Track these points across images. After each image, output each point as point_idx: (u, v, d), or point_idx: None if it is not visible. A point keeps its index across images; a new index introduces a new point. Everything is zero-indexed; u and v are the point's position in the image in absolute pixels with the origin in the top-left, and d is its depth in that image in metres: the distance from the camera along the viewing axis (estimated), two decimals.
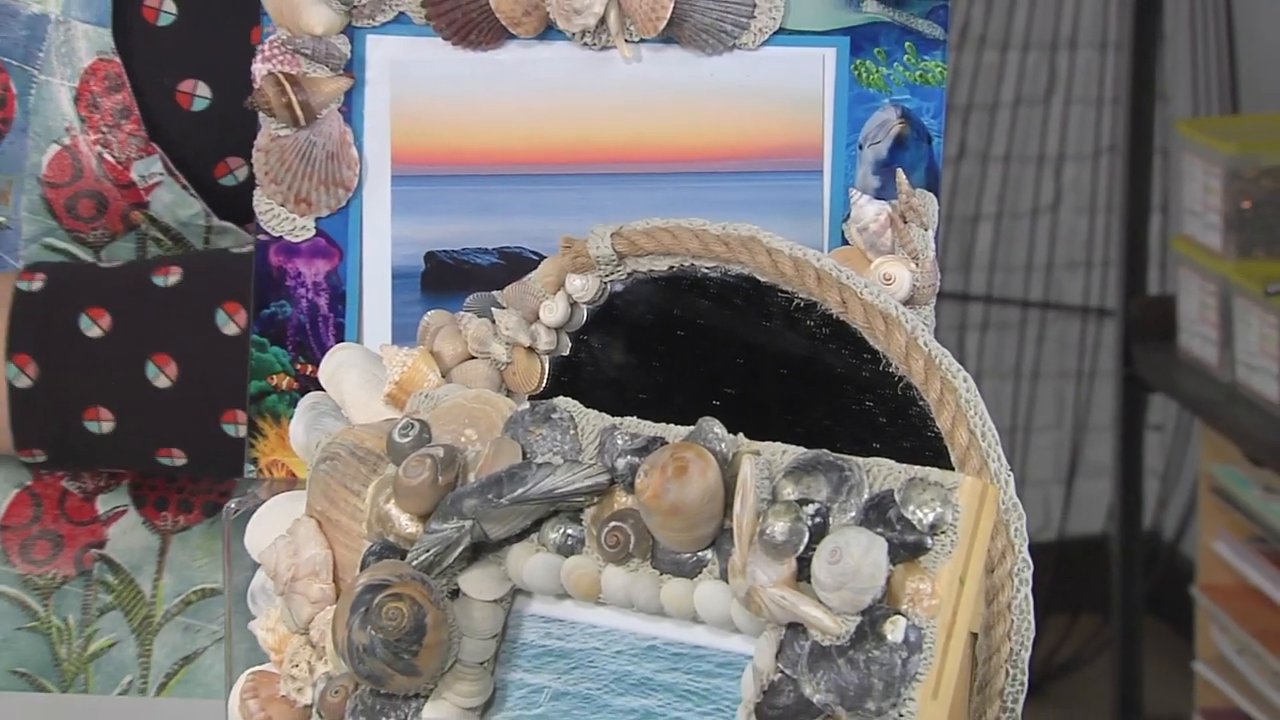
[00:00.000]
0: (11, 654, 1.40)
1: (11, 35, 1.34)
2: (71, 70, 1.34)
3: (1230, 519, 3.27)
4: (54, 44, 1.34)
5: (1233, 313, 3.17)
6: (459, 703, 1.02)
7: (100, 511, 1.40)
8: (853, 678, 0.93)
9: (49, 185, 1.35)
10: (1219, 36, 3.80)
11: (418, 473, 1.02)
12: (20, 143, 1.35)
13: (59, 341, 1.32)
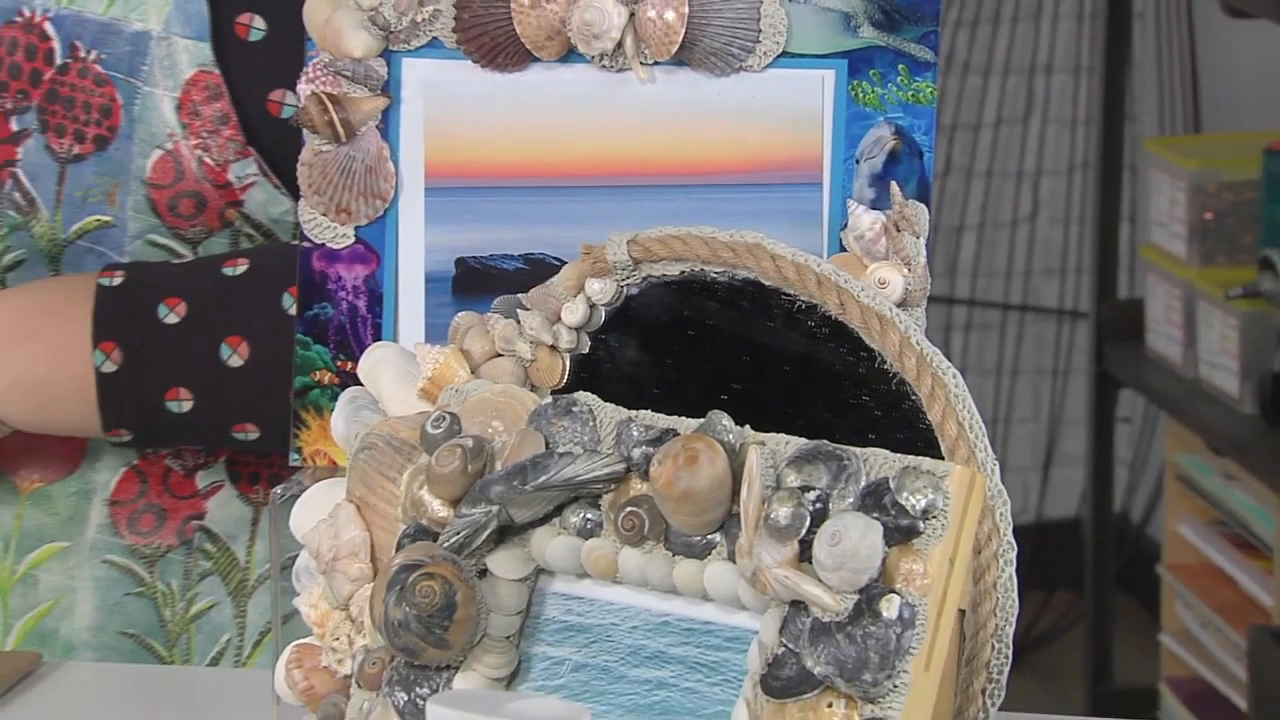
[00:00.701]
0: (122, 617, 1.40)
1: (116, 51, 1.35)
2: (174, 82, 1.35)
3: (1193, 504, 3.27)
4: (157, 58, 1.34)
5: (1196, 315, 3.17)
6: (487, 674, 1.01)
7: (199, 486, 1.41)
8: (851, 651, 0.92)
9: (153, 186, 1.36)
10: (1183, 62, 3.80)
11: (449, 461, 1.01)
12: (126, 148, 1.36)
13: (140, 329, 1.32)
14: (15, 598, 1.39)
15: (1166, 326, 3.23)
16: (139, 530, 1.40)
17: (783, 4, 1.15)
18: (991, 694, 1.01)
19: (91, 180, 1.37)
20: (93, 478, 1.40)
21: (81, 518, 1.40)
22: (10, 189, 1.37)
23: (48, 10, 1.35)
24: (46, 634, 1.40)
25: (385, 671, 1.02)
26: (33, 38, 1.36)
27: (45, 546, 1.40)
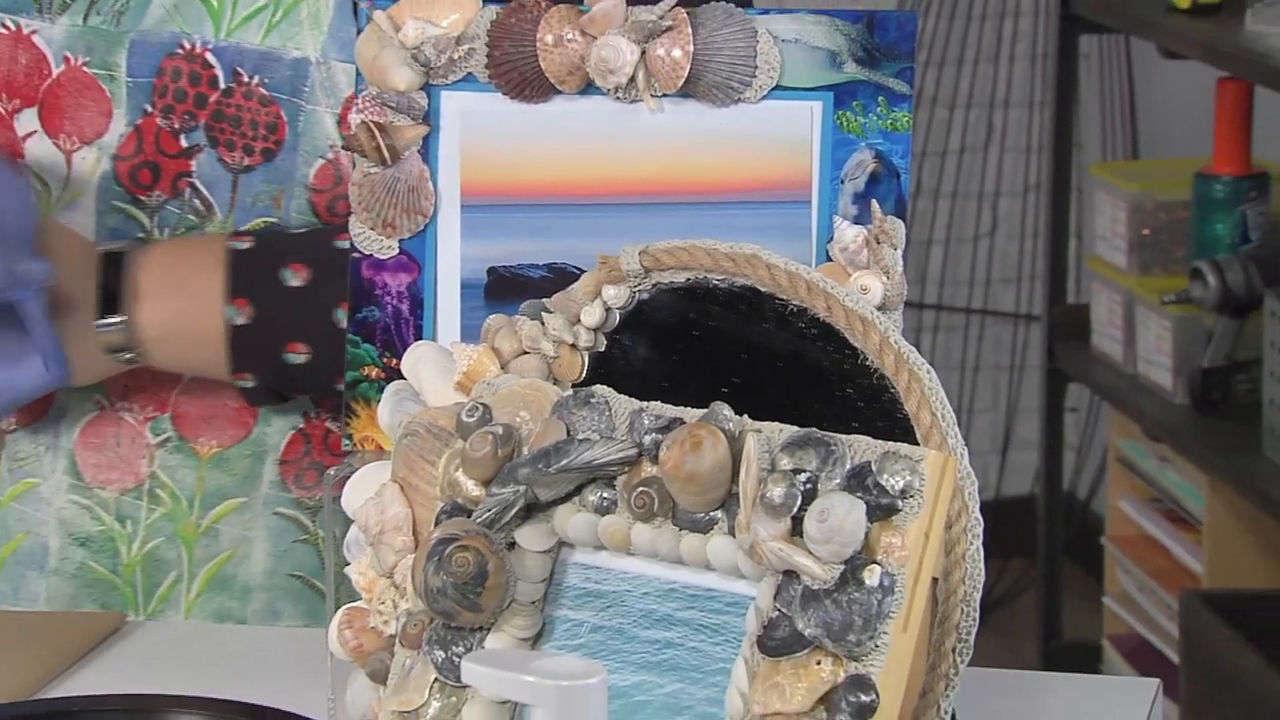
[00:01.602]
0: (290, 561, 1.40)
1: (278, 76, 1.35)
2: (334, 99, 1.35)
3: (1132, 483, 3.28)
4: (317, 80, 1.35)
5: (1135, 318, 3.17)
6: (515, 634, 1.00)
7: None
8: (837, 615, 0.91)
9: (314, 191, 1.36)
10: (1123, 97, 3.81)
11: (481, 447, 1.01)
12: (291, 159, 1.36)
13: (268, 289, 1.32)
14: (200, 548, 1.39)
15: (1109, 328, 3.24)
16: (304, 485, 1.40)
17: (776, 43, 1.14)
18: (960, 652, 1.00)
19: (261, 187, 1.37)
20: (264, 441, 1.40)
21: (255, 476, 1.39)
22: (190, 197, 1.37)
23: (207, 43, 1.36)
24: (226, 579, 1.40)
25: (425, 632, 1.01)
26: (195, 66, 1.36)
27: (225, 503, 1.39)
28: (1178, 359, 3.05)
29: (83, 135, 1.38)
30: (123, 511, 1.39)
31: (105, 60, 1.37)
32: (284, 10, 1.35)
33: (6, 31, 1.38)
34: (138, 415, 1.39)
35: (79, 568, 1.40)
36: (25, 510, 1.41)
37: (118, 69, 1.37)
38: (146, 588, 1.40)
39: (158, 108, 1.36)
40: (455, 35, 1.16)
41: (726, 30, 1.14)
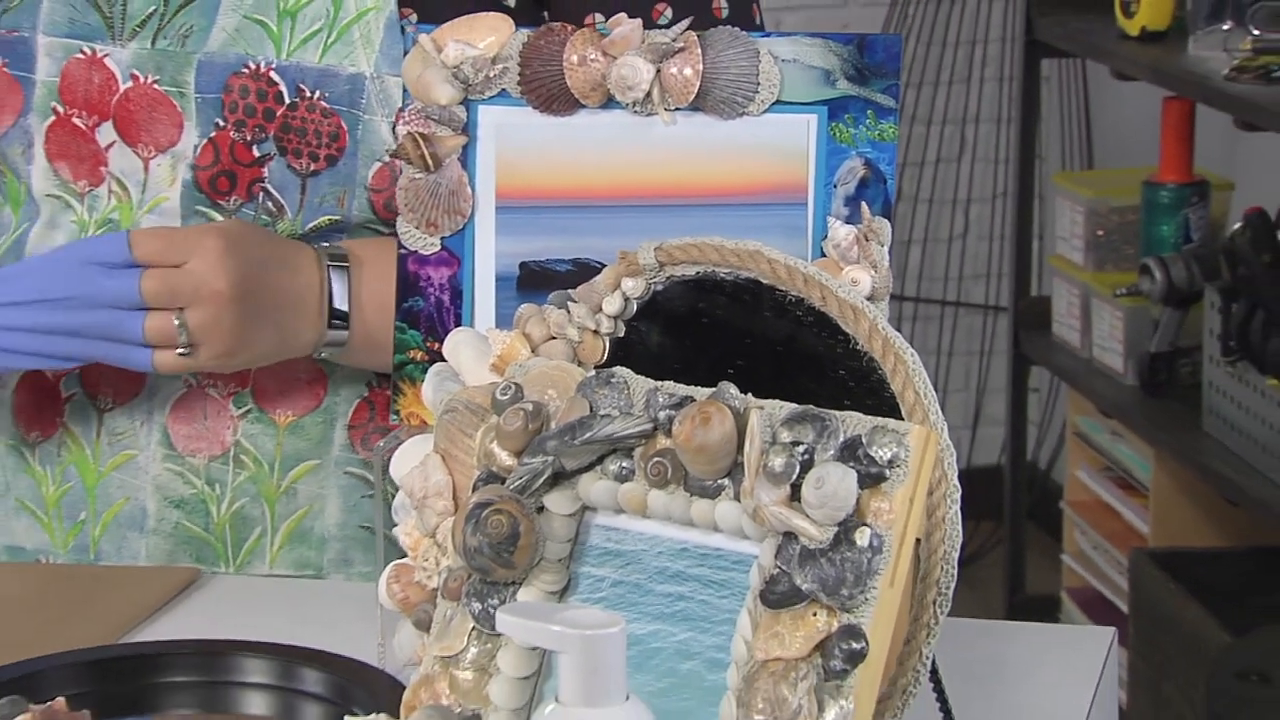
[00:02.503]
0: (360, 515, 1.40)
1: (337, 90, 1.34)
2: (388, 109, 1.34)
3: (1088, 455, 3.28)
4: (373, 93, 1.34)
5: (1091, 309, 3.17)
6: (544, 588, 0.99)
7: None
8: (831, 572, 0.91)
9: (373, 190, 1.36)
10: (1079, 114, 3.81)
11: (514, 421, 1.00)
12: (352, 164, 1.35)
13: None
14: (280, 505, 1.39)
15: (1068, 318, 3.24)
16: (369, 447, 1.39)
17: (776, 63, 1.14)
18: (940, 604, 0.99)
19: (326, 189, 1.36)
20: (334, 409, 1.39)
21: (327, 441, 1.39)
22: (263, 200, 1.36)
23: (270, 62, 1.35)
24: (304, 532, 1.40)
25: (464, 586, 1.00)
26: (261, 84, 1.35)
27: (301, 465, 1.39)
28: (1128, 345, 3.06)
29: (158, 144, 1.37)
30: (211, 476, 1.39)
31: (175, 79, 1.36)
32: (338, 32, 1.35)
33: (83, 56, 1.37)
34: (222, 391, 1.39)
35: (175, 527, 1.40)
36: (125, 479, 1.40)
37: (186, 86, 1.36)
38: (235, 542, 1.40)
39: (230, 122, 1.35)
40: (491, 55, 1.16)
41: (732, 51, 1.14)
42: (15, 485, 1.43)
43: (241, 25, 1.35)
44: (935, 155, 3.89)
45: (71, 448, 1.41)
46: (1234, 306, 2.72)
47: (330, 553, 1.39)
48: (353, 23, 1.34)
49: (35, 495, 1.42)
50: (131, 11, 1.37)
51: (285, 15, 1.35)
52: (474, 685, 0.97)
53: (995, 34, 3.85)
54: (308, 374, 1.38)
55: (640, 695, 0.83)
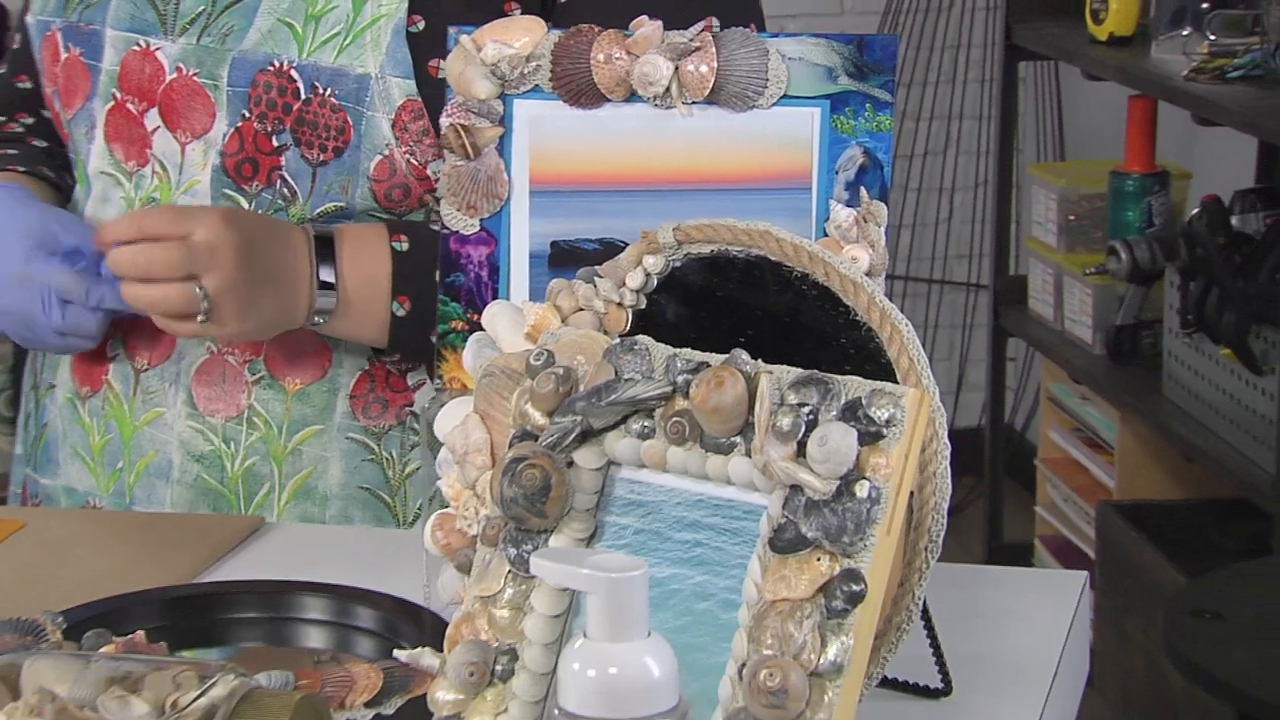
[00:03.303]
0: (359, 476, 1.39)
1: (345, 88, 1.34)
2: (389, 107, 1.33)
3: (1059, 417, 3.28)
4: (376, 92, 1.33)
5: (1063, 286, 3.17)
6: (573, 535, 0.98)
7: (410, 383, 1.39)
8: (833, 521, 0.90)
9: (375, 181, 1.35)
10: (1053, 112, 3.81)
11: (546, 385, 0.99)
12: (356, 155, 1.34)
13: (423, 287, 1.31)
14: (287, 464, 1.39)
15: (1043, 294, 3.24)
16: (370, 415, 1.38)
17: (784, 61, 1.12)
18: (931, 550, 0.99)
19: (333, 178, 1.35)
20: (338, 380, 1.38)
21: (330, 408, 1.38)
22: (280, 186, 1.36)
23: (292, 61, 1.35)
24: (309, 490, 1.39)
25: (501, 533, 0.99)
26: (282, 80, 1.35)
27: (306, 429, 1.38)
28: (1096, 319, 3.06)
29: (194, 131, 1.37)
30: (227, 435, 1.39)
31: (212, 72, 1.36)
32: (353, 35, 1.34)
33: (139, 49, 1.38)
34: (238, 359, 1.38)
35: (195, 479, 1.40)
36: (154, 434, 1.41)
37: (220, 80, 1.36)
38: (246, 496, 1.39)
39: (254, 114, 1.35)
40: (525, 54, 1.15)
41: (744, 50, 1.13)
42: (70, 434, 1.44)
43: (274, 27, 1.35)
44: (923, 148, 3.88)
45: (113, 403, 1.42)
46: (1191, 284, 2.72)
47: (332, 509, 1.39)
48: (366, 27, 1.34)
49: (85, 443, 1.43)
50: (183, 10, 1.38)
51: (311, 19, 1.35)
52: (510, 622, 0.97)
53: (978, 39, 3.84)
54: (314, 347, 1.37)
55: (661, 632, 0.82)
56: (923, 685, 1.08)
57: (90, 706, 0.92)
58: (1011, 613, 1.20)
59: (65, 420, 1.44)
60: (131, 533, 1.32)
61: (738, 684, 0.89)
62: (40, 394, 1.47)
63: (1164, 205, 3.05)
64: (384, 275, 1.33)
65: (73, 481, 1.44)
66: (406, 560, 1.20)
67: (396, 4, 1.34)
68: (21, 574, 1.24)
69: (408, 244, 1.33)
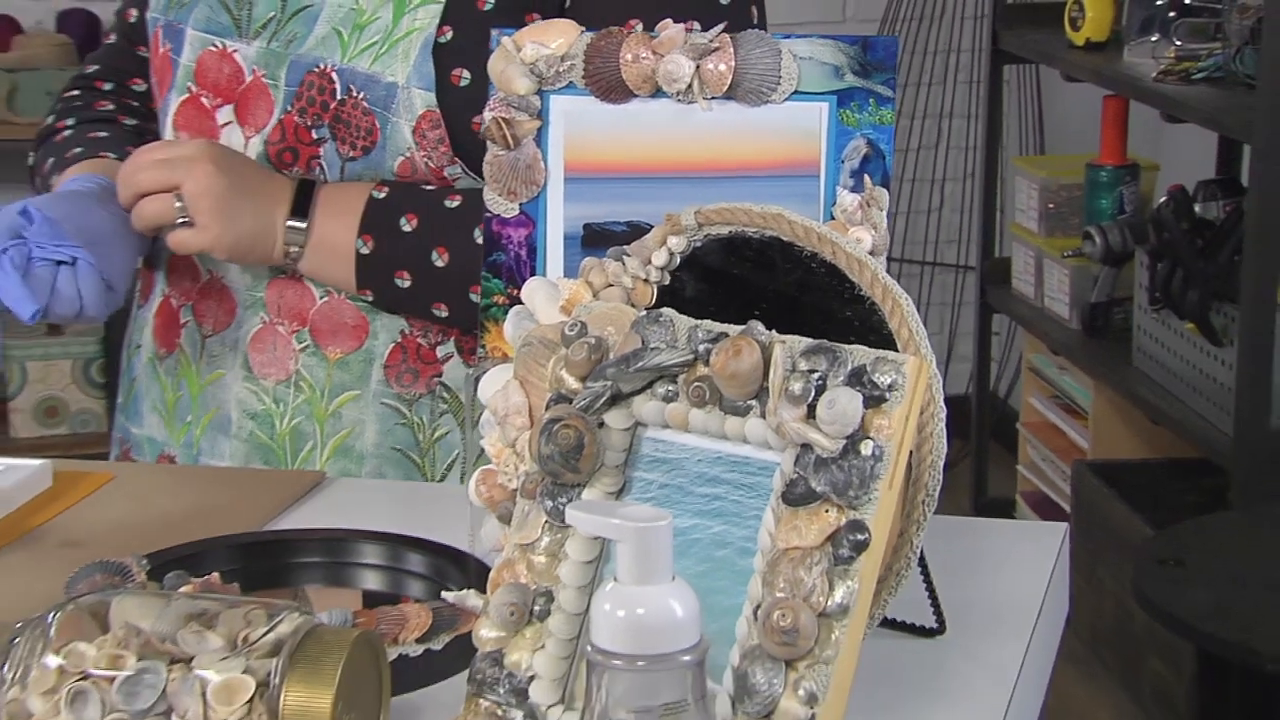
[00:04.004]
0: (393, 438, 1.38)
1: (375, 94, 1.33)
2: (411, 115, 1.32)
3: (1039, 385, 3.28)
4: (401, 100, 1.32)
5: (1043, 267, 3.16)
6: (604, 489, 0.97)
7: (439, 355, 1.38)
8: (840, 476, 0.88)
9: (399, 178, 1.35)
10: (1034, 110, 3.80)
11: (579, 353, 0.98)
12: (380, 155, 1.34)
13: (388, 230, 1.32)
14: (328, 425, 1.38)
15: (1025, 274, 3.22)
16: (403, 383, 1.37)
17: (795, 60, 1.11)
18: (927, 504, 0.98)
19: (361, 172, 1.35)
20: (374, 350, 1.37)
21: (367, 376, 1.37)
22: (319, 174, 1.36)
23: (334, 64, 1.35)
24: (347, 448, 1.38)
25: (538, 487, 0.98)
26: (324, 81, 1.35)
27: (345, 394, 1.38)
28: (1073, 296, 3.05)
29: (257, 126, 1.38)
30: (277, 396, 1.39)
31: (274, 73, 1.37)
32: (389, 44, 1.34)
33: (215, 49, 1.39)
34: (288, 328, 1.38)
35: (250, 435, 1.40)
36: (216, 392, 1.41)
37: (279, 80, 1.37)
38: (292, 451, 1.39)
39: (295, 109, 1.36)
40: (561, 54, 1.13)
41: (759, 50, 1.11)
42: (150, 390, 1.45)
43: (328, 34, 1.35)
44: (917, 143, 3.86)
45: (183, 364, 1.42)
46: (1159, 265, 2.71)
47: (367, 467, 1.38)
48: (401, 39, 1.33)
49: (161, 399, 1.44)
50: (255, 15, 1.38)
51: (356, 28, 1.35)
52: (547, 567, 0.96)
53: (966, 45, 3.82)
54: (353, 320, 1.37)
55: (683, 576, 0.81)
56: (919, 625, 1.08)
57: (170, 640, 0.92)
58: (999, 560, 1.19)
59: (147, 378, 1.46)
60: (207, 485, 1.32)
61: (753, 624, 0.89)
62: (130, 353, 1.49)
63: (1134, 194, 3.04)
64: (354, 216, 1.32)
65: (153, 432, 1.45)
66: (447, 512, 1.19)
67: (430, 19, 1.33)
68: (110, 521, 1.24)
69: (385, 192, 1.33)
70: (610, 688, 0.77)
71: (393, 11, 1.34)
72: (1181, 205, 2.71)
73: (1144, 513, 2.72)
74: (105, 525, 1.23)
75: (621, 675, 0.77)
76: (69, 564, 1.10)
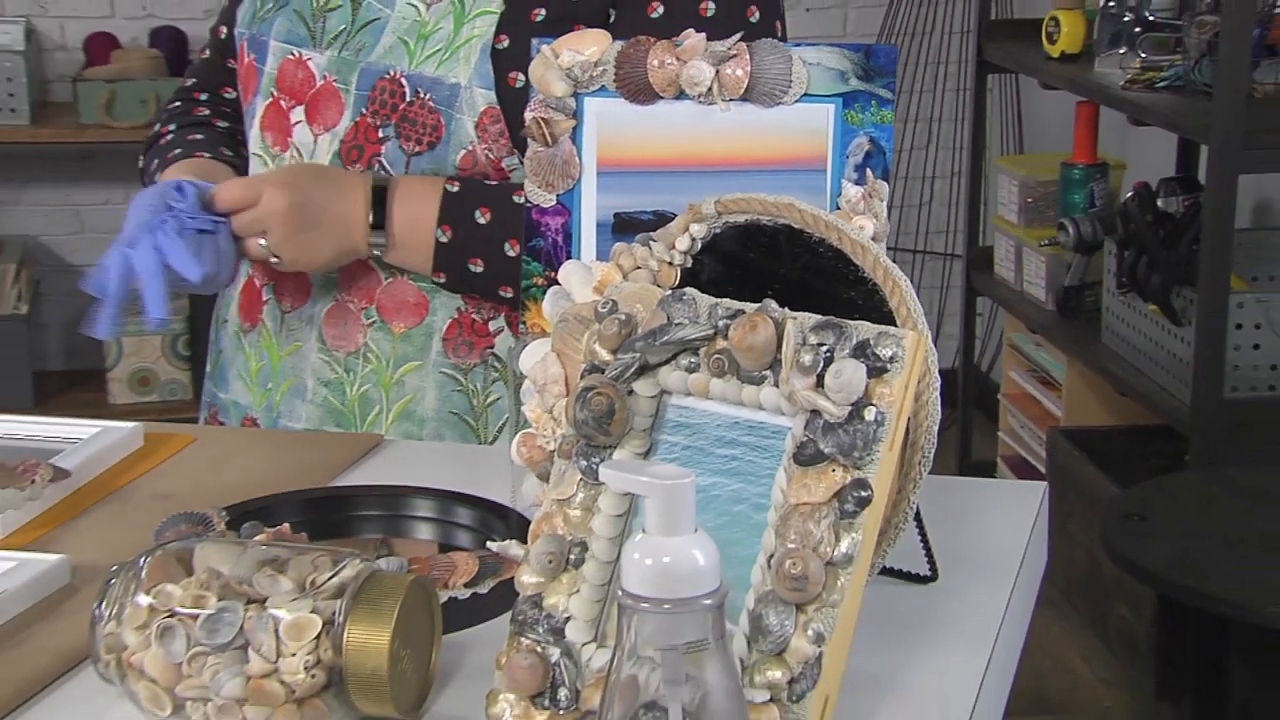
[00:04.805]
0: (450, 403, 1.37)
1: (441, 94, 1.33)
2: (473, 112, 1.32)
3: (1019, 360, 3.26)
4: (464, 99, 1.32)
5: (1022, 255, 3.14)
6: (633, 450, 0.96)
7: (491, 329, 1.37)
8: (846, 439, 0.87)
9: (460, 170, 1.34)
10: (1015, 115, 3.77)
11: (610, 328, 0.96)
12: (444, 149, 1.33)
13: (465, 221, 1.32)
14: (393, 392, 1.37)
15: (1006, 261, 3.20)
16: (459, 355, 1.37)
17: (804, 65, 1.09)
18: (923, 464, 0.97)
19: (425, 166, 1.34)
20: (433, 325, 1.37)
21: (427, 348, 1.37)
22: (378, 170, 1.35)
23: (403, 70, 1.34)
24: (410, 412, 1.37)
25: (574, 448, 0.97)
26: (394, 86, 1.34)
27: (408, 364, 1.37)
28: (1049, 281, 3.02)
29: (326, 125, 1.37)
30: (348, 366, 1.38)
31: (345, 79, 1.36)
32: (451, 51, 1.33)
33: (293, 58, 1.39)
34: (357, 305, 1.38)
35: (323, 400, 1.39)
36: (294, 362, 1.40)
37: (350, 84, 1.36)
38: (361, 415, 1.38)
39: (368, 111, 1.35)
40: (594, 60, 1.12)
41: (772, 57, 1.09)
42: (236, 360, 1.45)
43: (394, 44, 1.35)
44: (909, 144, 3.83)
45: (265, 336, 1.42)
46: (1126, 254, 2.69)
47: (428, 429, 1.37)
48: (462, 45, 1.33)
49: (245, 368, 1.44)
50: (329, 28, 1.38)
51: (421, 38, 1.34)
52: (581, 520, 0.94)
53: (954, 57, 3.79)
54: (414, 298, 1.36)
55: (704, 529, 0.80)
56: (915, 573, 1.06)
57: (247, 583, 0.92)
58: (986, 515, 1.18)
59: (233, 348, 1.45)
60: (279, 446, 1.31)
61: (767, 571, 0.87)
62: (218, 327, 1.48)
63: (1104, 190, 3.02)
64: (429, 214, 1.32)
65: (238, 397, 1.45)
66: (492, 471, 1.18)
67: (487, 27, 1.33)
68: (193, 478, 1.23)
69: (458, 186, 1.33)
70: (639, 628, 0.76)
71: (453, 22, 1.34)
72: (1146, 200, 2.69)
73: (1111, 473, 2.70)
74: (189, 481, 1.22)
75: (649, 617, 0.76)
76: (157, 515, 1.09)
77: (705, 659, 0.75)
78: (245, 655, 0.89)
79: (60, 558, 1.06)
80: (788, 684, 0.85)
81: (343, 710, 0.90)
